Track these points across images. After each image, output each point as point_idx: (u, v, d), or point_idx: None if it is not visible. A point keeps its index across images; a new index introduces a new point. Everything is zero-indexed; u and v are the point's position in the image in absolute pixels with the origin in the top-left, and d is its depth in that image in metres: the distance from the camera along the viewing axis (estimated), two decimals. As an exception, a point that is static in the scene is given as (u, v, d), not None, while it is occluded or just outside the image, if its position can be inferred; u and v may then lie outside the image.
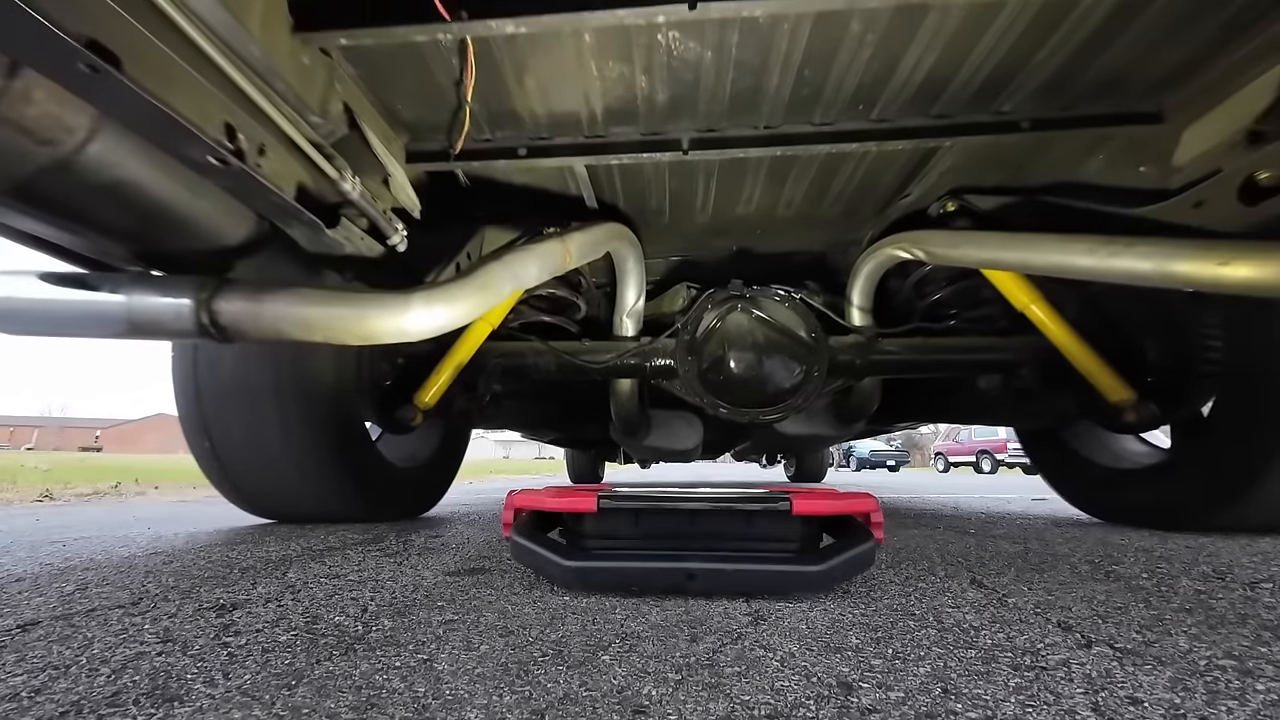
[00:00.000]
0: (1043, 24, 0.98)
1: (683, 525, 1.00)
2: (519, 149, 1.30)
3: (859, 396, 1.97)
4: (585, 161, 1.32)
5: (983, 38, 1.01)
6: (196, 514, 2.36)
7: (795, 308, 1.77)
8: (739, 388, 1.76)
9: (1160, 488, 1.65)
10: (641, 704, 0.53)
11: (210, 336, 0.98)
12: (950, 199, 1.48)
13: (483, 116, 1.23)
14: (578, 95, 1.17)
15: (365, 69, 1.10)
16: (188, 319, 0.95)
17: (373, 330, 1.02)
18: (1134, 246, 1.12)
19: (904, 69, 1.08)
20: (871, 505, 0.96)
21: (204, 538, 1.62)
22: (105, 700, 0.54)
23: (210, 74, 0.81)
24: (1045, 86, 1.13)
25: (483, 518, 2.14)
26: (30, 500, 2.99)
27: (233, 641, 0.70)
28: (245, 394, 1.45)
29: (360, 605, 0.88)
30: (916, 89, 1.13)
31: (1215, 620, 0.79)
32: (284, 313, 0.99)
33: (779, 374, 1.75)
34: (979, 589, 0.98)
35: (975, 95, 1.15)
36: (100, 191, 0.87)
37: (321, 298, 1.01)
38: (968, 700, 0.53)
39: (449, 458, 2.19)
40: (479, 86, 1.09)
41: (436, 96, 1.16)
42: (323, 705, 0.52)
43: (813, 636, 0.72)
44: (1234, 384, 1.46)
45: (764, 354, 1.76)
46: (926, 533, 1.67)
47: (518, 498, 1.03)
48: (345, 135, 1.08)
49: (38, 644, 0.70)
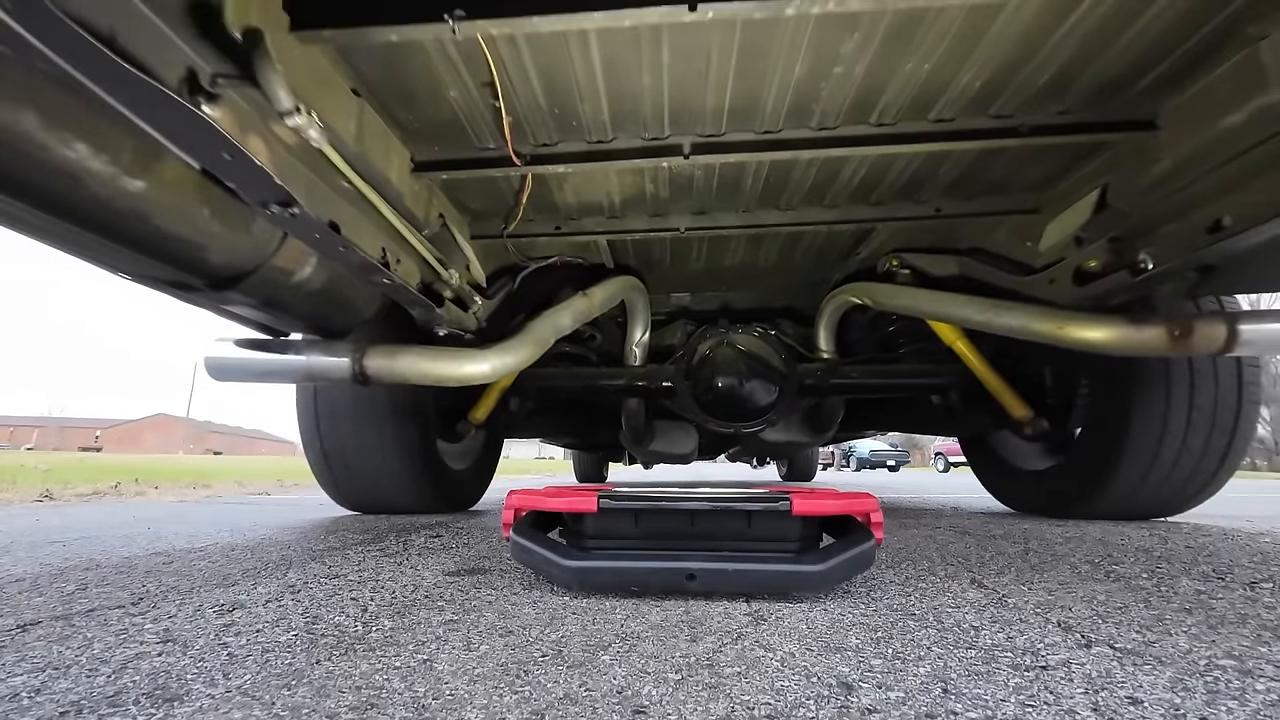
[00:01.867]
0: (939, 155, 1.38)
1: (683, 525, 1.00)
2: (556, 227, 1.72)
3: (826, 411, 2.46)
4: (606, 238, 1.76)
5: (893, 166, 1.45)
6: (197, 514, 2.36)
7: (770, 341, 2.20)
8: (726, 405, 2.17)
9: (1049, 486, 2.10)
10: (641, 704, 0.53)
11: (359, 382, 1.41)
12: (894, 256, 1.90)
13: (528, 207, 1.60)
14: (601, 194, 1.60)
15: (455, 189, 1.54)
16: (346, 370, 1.38)
17: (465, 375, 1.44)
18: (1010, 309, 1.55)
19: (844, 177, 1.51)
20: (871, 505, 0.96)
21: (204, 538, 1.62)
22: (105, 700, 0.54)
23: (365, 207, 1.14)
24: (952, 185, 1.55)
25: (483, 518, 2.14)
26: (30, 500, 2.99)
27: (233, 641, 0.70)
28: (353, 419, 1.89)
29: (360, 605, 0.88)
30: (854, 190, 1.58)
31: (1215, 620, 0.79)
32: (407, 365, 1.41)
33: (758, 394, 2.17)
34: (979, 589, 0.98)
35: (900, 192, 1.59)
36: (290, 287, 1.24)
37: (431, 353, 1.44)
38: (968, 700, 0.53)
39: (490, 461, 2.61)
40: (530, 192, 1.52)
41: (499, 200, 1.60)
42: (323, 705, 0.52)
43: (813, 636, 0.72)
44: (1094, 415, 1.90)
45: (746, 378, 2.18)
46: (926, 533, 1.67)
47: (517, 498, 1.03)
48: (439, 232, 1.46)
49: (38, 644, 0.70)
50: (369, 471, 1.95)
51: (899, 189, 1.55)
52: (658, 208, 1.65)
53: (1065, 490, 1.99)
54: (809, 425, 2.61)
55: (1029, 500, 2.23)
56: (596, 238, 1.74)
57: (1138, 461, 1.76)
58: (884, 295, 1.85)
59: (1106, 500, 1.87)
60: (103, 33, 0.64)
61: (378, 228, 1.20)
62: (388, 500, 2.09)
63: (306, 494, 3.83)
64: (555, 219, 1.70)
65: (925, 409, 2.50)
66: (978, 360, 1.93)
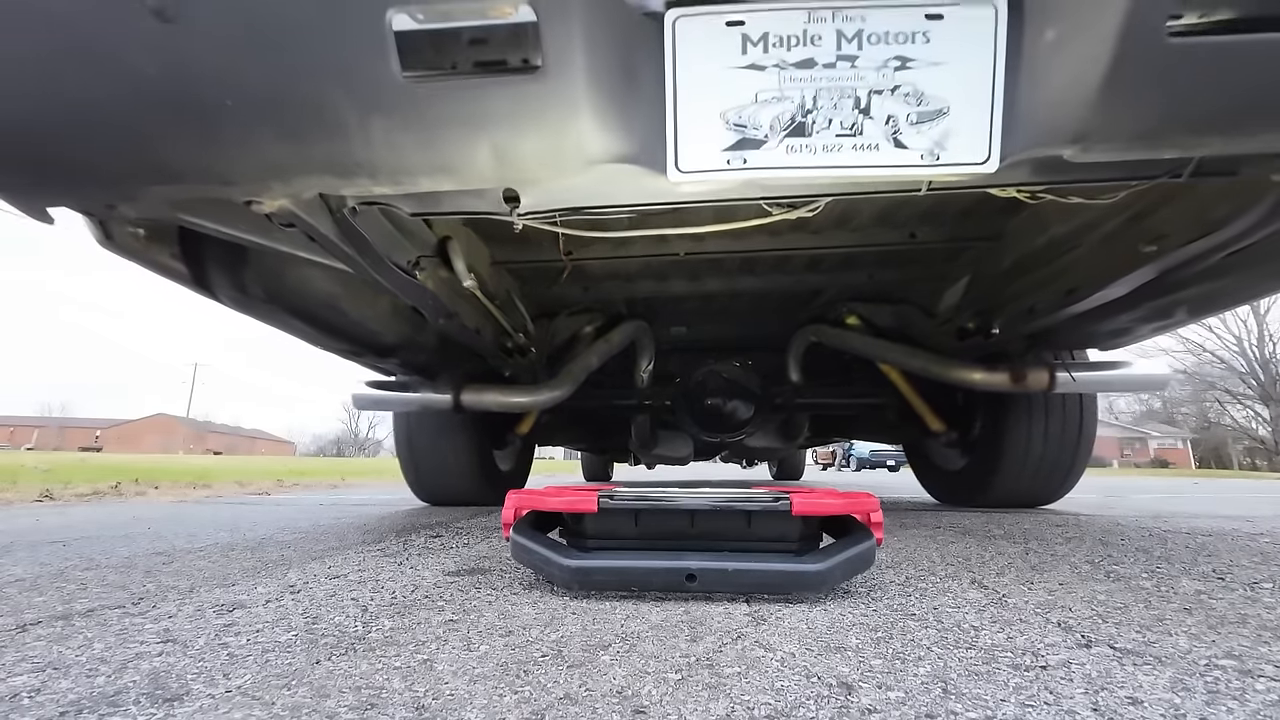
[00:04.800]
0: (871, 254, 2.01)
1: (683, 525, 1.00)
2: (585, 289, 2.26)
3: (794, 424, 3.18)
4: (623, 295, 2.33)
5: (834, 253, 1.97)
6: (197, 514, 2.36)
7: (747, 370, 2.81)
8: (714, 419, 2.80)
9: (959, 482, 2.66)
10: (641, 704, 0.53)
11: (456, 411, 2.04)
12: (847, 305, 2.42)
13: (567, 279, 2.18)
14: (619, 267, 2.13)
15: (516, 270, 2.09)
16: (448, 402, 2.01)
17: (526, 405, 2.12)
18: (919, 354, 2.12)
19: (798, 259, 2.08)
20: (871, 505, 0.95)
21: (204, 538, 1.62)
22: (105, 700, 0.54)
23: (475, 301, 1.71)
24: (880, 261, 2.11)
25: (483, 518, 2.14)
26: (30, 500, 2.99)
27: (233, 641, 0.70)
28: (432, 433, 2.46)
29: (360, 605, 0.88)
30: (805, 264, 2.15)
31: (1215, 620, 0.79)
32: (489, 398, 2.04)
33: (739, 411, 2.78)
34: (979, 589, 0.98)
35: (840, 264, 2.13)
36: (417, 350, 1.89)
37: (505, 389, 2.09)
38: (968, 700, 0.53)
39: (527, 463, 3.27)
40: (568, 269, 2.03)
41: (547, 274, 2.12)
42: (323, 705, 0.52)
43: (813, 636, 0.72)
44: (984, 430, 2.43)
45: (728, 399, 2.79)
46: (927, 533, 1.67)
47: (518, 498, 1.03)
48: (506, 300, 1.99)
49: (38, 644, 0.70)
50: (442, 472, 2.53)
51: (838, 262, 2.12)
52: (661, 273, 2.23)
53: (970, 485, 2.55)
54: (782, 434, 3.33)
55: (948, 493, 2.80)
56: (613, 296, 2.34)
57: (1012, 465, 2.32)
58: (832, 337, 2.43)
59: (995, 493, 2.43)
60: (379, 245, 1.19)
61: (475, 309, 1.75)
62: (455, 494, 2.59)
63: (306, 494, 3.83)
64: (584, 283, 2.25)
65: (870, 422, 3.20)
66: (906, 386, 2.49)
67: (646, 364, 2.61)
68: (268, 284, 1.36)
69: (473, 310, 1.73)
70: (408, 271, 1.34)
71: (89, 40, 0.70)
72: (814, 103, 0.77)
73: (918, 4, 0.74)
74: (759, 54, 0.76)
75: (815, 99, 0.77)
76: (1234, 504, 3.11)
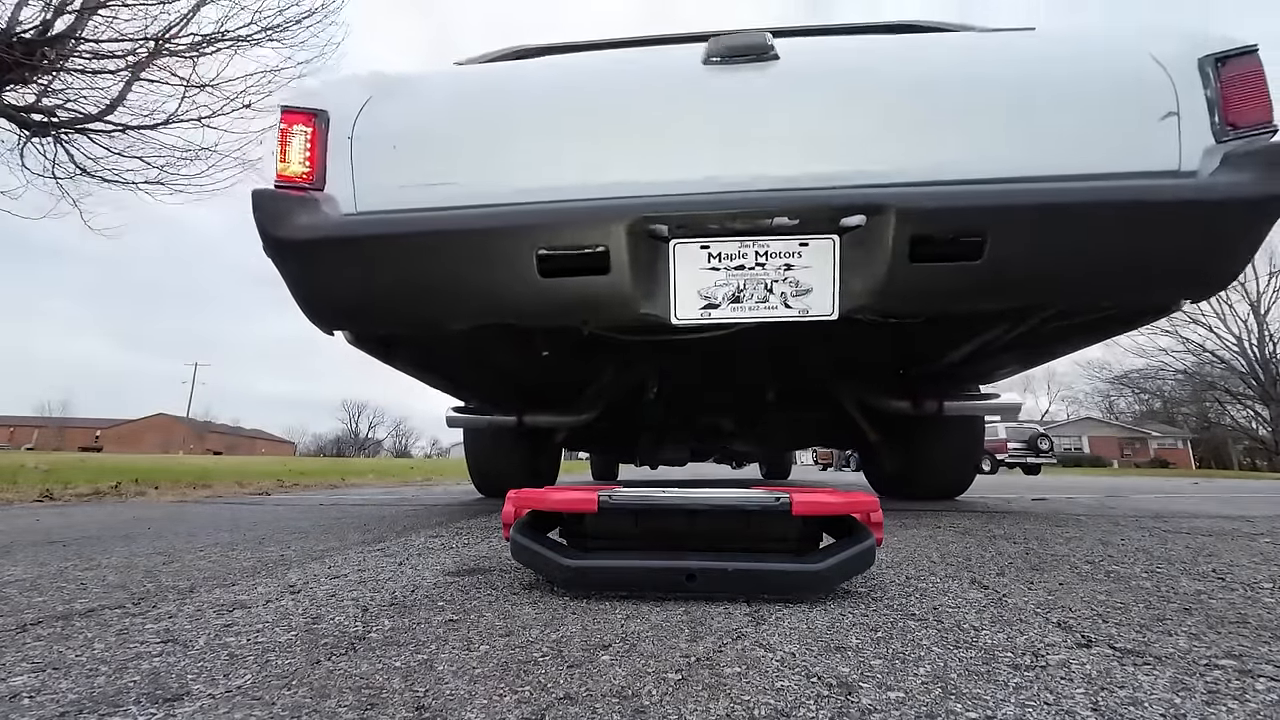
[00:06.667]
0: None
1: (683, 525, 1.00)
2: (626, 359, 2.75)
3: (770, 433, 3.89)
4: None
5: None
6: (197, 514, 2.36)
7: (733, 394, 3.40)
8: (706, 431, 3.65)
9: (895, 479, 3.25)
10: (642, 704, 0.53)
11: (519, 427, 2.57)
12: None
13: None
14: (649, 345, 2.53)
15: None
16: (514, 422, 2.54)
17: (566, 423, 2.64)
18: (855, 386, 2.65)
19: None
20: (871, 505, 0.95)
21: (204, 538, 1.62)
22: (105, 700, 0.54)
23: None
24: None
25: (483, 518, 2.14)
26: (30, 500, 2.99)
27: (233, 641, 0.70)
28: (492, 439, 3.13)
29: (360, 605, 0.87)
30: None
31: (1215, 620, 0.79)
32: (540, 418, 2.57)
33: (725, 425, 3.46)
34: (979, 589, 0.98)
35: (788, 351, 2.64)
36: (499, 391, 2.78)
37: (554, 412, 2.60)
38: (968, 700, 0.53)
39: (557, 463, 3.86)
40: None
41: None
42: (323, 705, 0.52)
43: (813, 636, 0.72)
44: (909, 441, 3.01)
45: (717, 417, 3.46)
46: (927, 533, 1.67)
47: (518, 497, 1.02)
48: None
49: (38, 644, 0.70)
50: (500, 470, 3.20)
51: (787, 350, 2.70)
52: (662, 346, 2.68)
53: (901, 482, 3.18)
54: (759, 441, 4.12)
55: (887, 488, 3.38)
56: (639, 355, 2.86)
57: (926, 468, 3.03)
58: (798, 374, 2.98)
59: (917, 488, 3.08)
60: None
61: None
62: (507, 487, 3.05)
63: (306, 494, 3.83)
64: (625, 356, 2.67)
65: (830, 432, 3.90)
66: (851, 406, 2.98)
67: (653, 389, 3.05)
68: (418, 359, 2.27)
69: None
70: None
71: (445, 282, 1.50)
72: (743, 286, 1.45)
73: (795, 237, 1.43)
74: (715, 262, 1.45)
75: (744, 284, 1.45)
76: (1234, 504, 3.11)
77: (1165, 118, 1.42)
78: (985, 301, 1.46)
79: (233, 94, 7.11)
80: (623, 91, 1.58)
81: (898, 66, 1.55)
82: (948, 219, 1.35)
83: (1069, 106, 1.44)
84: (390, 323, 1.69)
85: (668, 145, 1.50)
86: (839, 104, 1.50)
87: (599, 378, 2.79)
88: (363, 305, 1.58)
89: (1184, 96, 1.43)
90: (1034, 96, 1.46)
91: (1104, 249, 1.36)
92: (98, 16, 6.46)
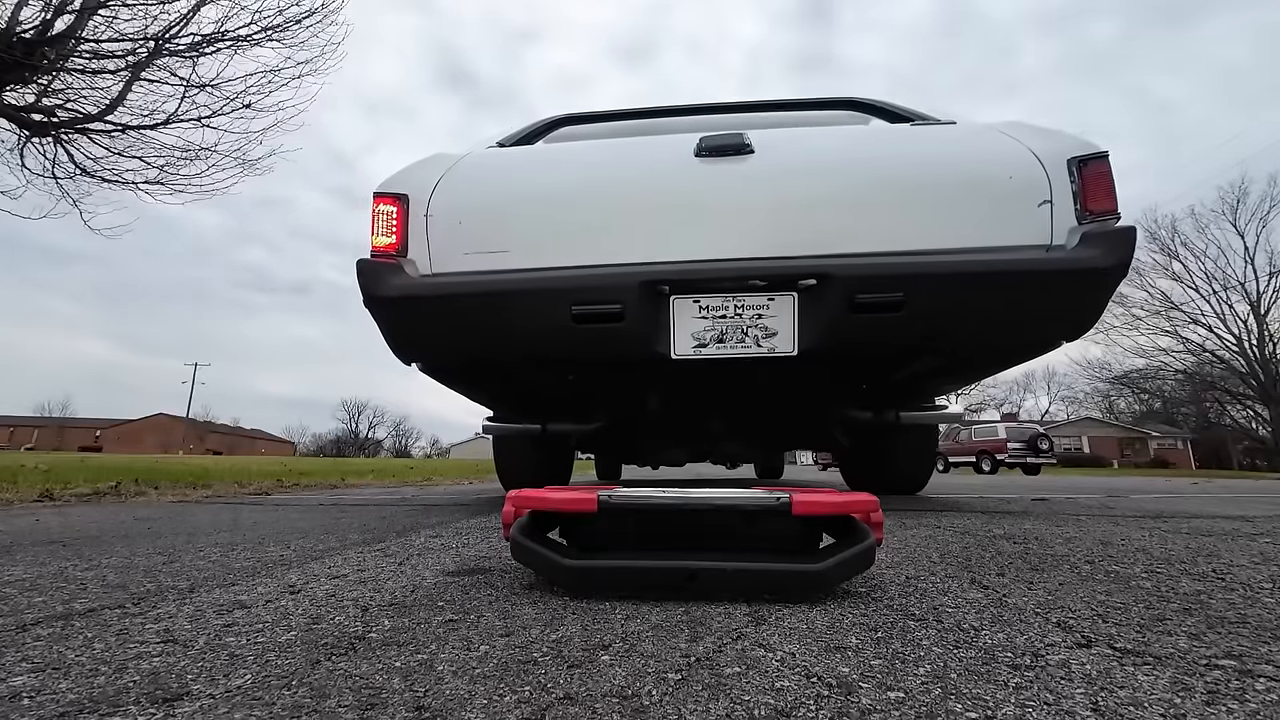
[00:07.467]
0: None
1: (683, 525, 1.00)
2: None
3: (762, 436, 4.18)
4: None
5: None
6: (197, 514, 2.36)
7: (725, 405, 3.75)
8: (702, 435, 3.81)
9: (868, 477, 3.59)
10: (641, 704, 0.53)
11: (545, 437, 2.82)
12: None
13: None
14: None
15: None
16: (539, 430, 2.80)
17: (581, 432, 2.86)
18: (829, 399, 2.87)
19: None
20: (872, 504, 0.95)
21: (204, 538, 1.62)
22: (105, 700, 0.54)
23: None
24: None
25: (483, 518, 2.14)
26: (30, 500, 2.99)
27: (233, 641, 0.70)
28: (514, 441, 3.46)
29: (360, 605, 0.87)
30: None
31: (1215, 620, 0.79)
32: (560, 426, 2.81)
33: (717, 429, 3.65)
34: (979, 589, 0.98)
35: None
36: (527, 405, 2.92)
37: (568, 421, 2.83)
38: (968, 700, 0.53)
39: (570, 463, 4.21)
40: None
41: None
42: (323, 705, 0.52)
43: (813, 636, 0.72)
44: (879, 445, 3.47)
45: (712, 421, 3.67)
46: (927, 533, 1.67)
47: (517, 497, 1.02)
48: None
49: (38, 644, 0.70)
50: (523, 471, 3.52)
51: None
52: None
53: (871, 479, 3.53)
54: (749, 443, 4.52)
55: (865, 486, 3.61)
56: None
57: (891, 466, 3.46)
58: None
59: (882, 485, 3.46)
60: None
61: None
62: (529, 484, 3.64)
63: (306, 494, 3.83)
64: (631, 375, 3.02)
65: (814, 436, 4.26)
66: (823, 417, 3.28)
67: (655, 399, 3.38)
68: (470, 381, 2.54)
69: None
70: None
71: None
72: (726, 330, 1.89)
73: (764, 294, 1.87)
74: (704, 312, 1.89)
75: (726, 329, 1.89)
76: (1234, 504, 3.11)
77: (1042, 204, 1.85)
78: (907, 342, 1.88)
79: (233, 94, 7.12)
80: (632, 181, 2.06)
81: (843, 159, 2.01)
82: (876, 283, 1.78)
83: (974, 192, 1.88)
84: (456, 358, 2.13)
85: (667, 224, 1.98)
86: (798, 191, 1.96)
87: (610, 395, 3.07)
88: (436, 345, 2.07)
89: (1056, 188, 1.85)
90: (948, 183, 1.90)
91: (997, 304, 1.80)
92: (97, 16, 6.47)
